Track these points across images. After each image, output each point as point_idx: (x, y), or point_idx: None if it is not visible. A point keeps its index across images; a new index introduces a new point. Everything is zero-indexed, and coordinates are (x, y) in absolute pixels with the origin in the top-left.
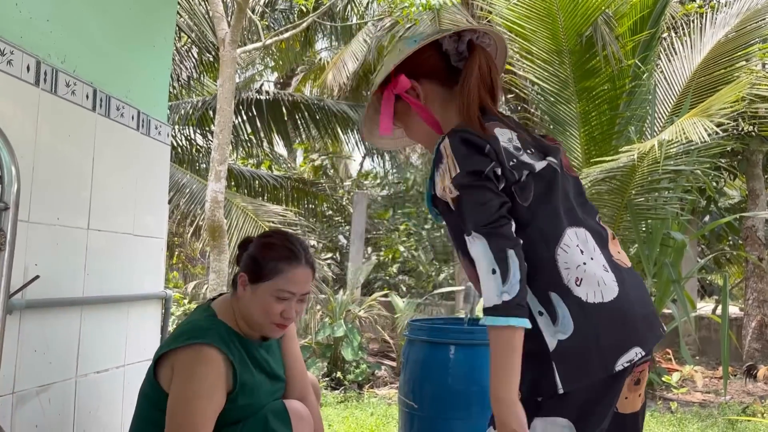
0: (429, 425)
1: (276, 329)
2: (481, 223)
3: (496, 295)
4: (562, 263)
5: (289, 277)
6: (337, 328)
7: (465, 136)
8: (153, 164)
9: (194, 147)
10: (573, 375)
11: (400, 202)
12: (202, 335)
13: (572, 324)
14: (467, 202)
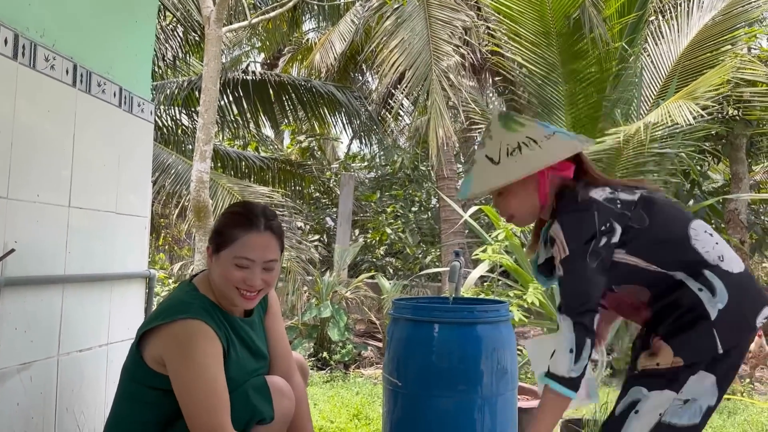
0: (412, 402)
1: (242, 298)
2: (573, 309)
3: (566, 370)
4: (701, 249)
5: (246, 243)
6: (324, 308)
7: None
8: (136, 142)
9: (180, 128)
10: (729, 337)
11: (387, 185)
12: (187, 310)
13: (727, 294)
14: (567, 284)
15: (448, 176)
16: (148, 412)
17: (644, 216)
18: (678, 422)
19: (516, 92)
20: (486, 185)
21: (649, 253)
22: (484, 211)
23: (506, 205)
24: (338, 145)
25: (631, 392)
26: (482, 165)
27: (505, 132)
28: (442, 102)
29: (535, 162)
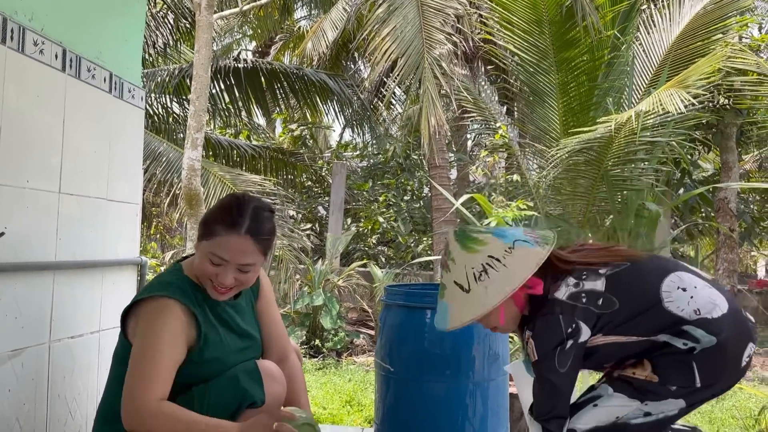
0: (404, 387)
1: (213, 290)
2: (541, 414)
3: None
4: (676, 309)
5: (221, 243)
6: (316, 297)
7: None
8: (126, 128)
9: (171, 116)
10: (710, 374)
11: (379, 174)
12: (163, 288)
13: (712, 338)
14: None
15: (440, 165)
16: None
17: (612, 299)
18: (633, 421)
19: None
20: (465, 317)
21: (627, 329)
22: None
23: (487, 322)
24: (330, 134)
25: (600, 388)
26: (453, 293)
27: (466, 254)
28: (434, 90)
29: (504, 286)
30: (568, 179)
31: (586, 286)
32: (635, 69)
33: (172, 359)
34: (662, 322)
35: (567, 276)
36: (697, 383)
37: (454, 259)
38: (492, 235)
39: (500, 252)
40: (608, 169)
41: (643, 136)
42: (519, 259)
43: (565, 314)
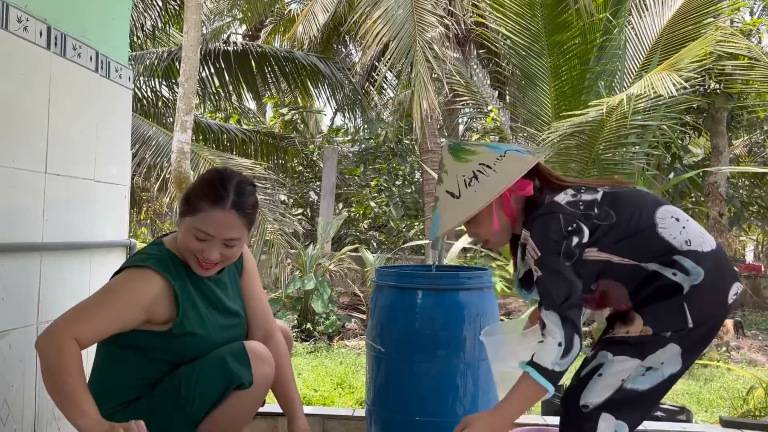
0: (395, 367)
1: (198, 267)
2: (557, 304)
3: (551, 362)
4: (669, 237)
5: (206, 218)
6: (308, 281)
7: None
8: (114, 108)
9: (160, 99)
10: (700, 313)
11: (371, 158)
12: (143, 260)
13: (701, 271)
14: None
15: (432, 149)
16: (126, 373)
17: (610, 212)
18: (639, 387)
19: (500, 64)
20: (454, 220)
21: (620, 248)
22: None
23: (477, 233)
24: (321, 119)
25: (598, 356)
26: (445, 201)
27: (458, 164)
28: (426, 73)
29: (493, 187)
30: (560, 163)
31: (584, 197)
32: (627, 53)
33: (116, 317)
34: (654, 247)
35: (565, 189)
36: (689, 323)
37: (447, 171)
38: (485, 147)
39: (491, 160)
40: (599, 153)
41: (635, 120)
42: (509, 163)
43: (564, 214)
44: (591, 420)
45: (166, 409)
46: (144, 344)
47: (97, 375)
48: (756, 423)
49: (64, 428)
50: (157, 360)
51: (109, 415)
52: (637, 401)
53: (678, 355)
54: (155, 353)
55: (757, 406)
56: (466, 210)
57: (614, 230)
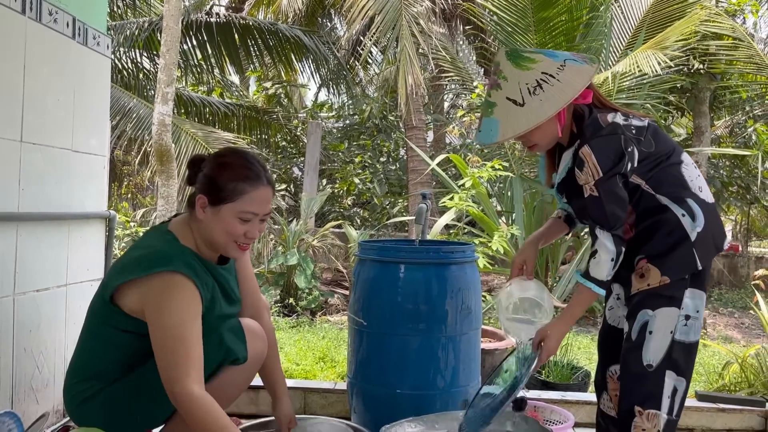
0: (377, 341)
1: (238, 250)
2: (610, 225)
3: (606, 274)
4: (687, 178)
5: (251, 199)
6: (291, 256)
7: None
8: (92, 77)
9: (141, 71)
10: (705, 256)
11: (355, 134)
12: (169, 263)
13: (704, 219)
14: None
15: (417, 126)
16: (119, 352)
17: (651, 141)
18: (686, 339)
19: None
20: (518, 128)
21: (649, 175)
22: (451, 160)
23: (529, 138)
24: (305, 93)
25: (639, 316)
26: (505, 107)
27: (519, 71)
28: (412, 48)
29: (560, 98)
30: None
31: (633, 122)
32: (613, 31)
33: (198, 333)
34: (673, 182)
35: (614, 111)
36: (698, 266)
37: (506, 77)
38: (543, 55)
39: (553, 69)
40: None
41: (619, 98)
42: (571, 74)
43: (625, 136)
44: (657, 378)
45: (155, 388)
46: (144, 331)
47: (88, 352)
48: (731, 397)
49: (42, 400)
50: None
51: (97, 391)
52: (688, 354)
53: (702, 299)
54: None
55: (732, 381)
56: (534, 118)
57: (649, 159)
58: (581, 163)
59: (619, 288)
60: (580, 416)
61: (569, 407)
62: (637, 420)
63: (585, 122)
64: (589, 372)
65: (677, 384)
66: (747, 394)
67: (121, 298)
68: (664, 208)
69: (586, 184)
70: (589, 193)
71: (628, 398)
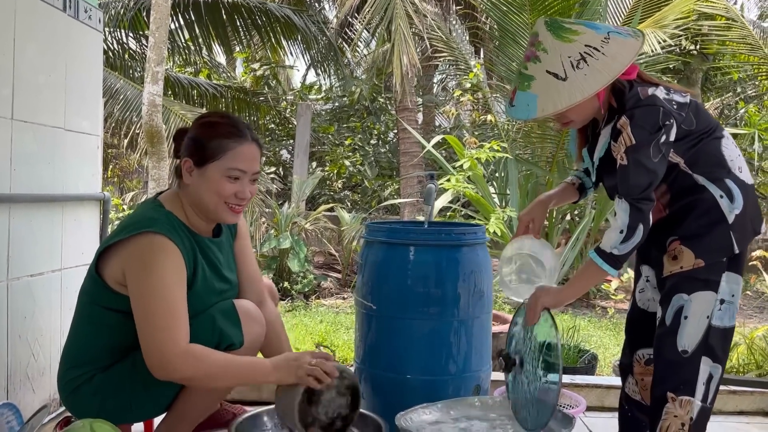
0: (387, 324)
1: (230, 212)
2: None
3: (610, 246)
4: (728, 157)
5: (236, 154)
6: (283, 239)
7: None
8: (83, 52)
9: (127, 52)
10: (742, 239)
11: (345, 117)
12: (151, 224)
13: (742, 201)
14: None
15: (409, 107)
16: (109, 335)
17: (693, 119)
18: (721, 324)
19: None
20: (559, 104)
21: (687, 153)
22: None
23: (566, 114)
24: (293, 75)
25: (673, 300)
26: (545, 81)
27: (561, 43)
28: (406, 28)
29: (606, 73)
30: (538, 122)
31: (675, 98)
32: (608, 10)
33: (182, 297)
34: (712, 161)
35: (655, 86)
36: (735, 249)
37: (546, 49)
38: (585, 26)
39: (597, 41)
40: None
41: None
42: (617, 47)
43: (664, 108)
44: (693, 364)
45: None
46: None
47: (79, 337)
48: (742, 379)
49: (38, 389)
50: None
51: (89, 377)
52: (724, 340)
53: (738, 284)
54: None
55: (740, 362)
56: (578, 94)
57: (690, 137)
58: (617, 134)
59: (648, 270)
60: (590, 400)
61: (579, 390)
62: (669, 406)
63: (626, 96)
64: (596, 354)
65: (713, 370)
66: (756, 375)
67: (105, 269)
68: (701, 188)
69: (618, 154)
70: (619, 162)
71: (662, 385)
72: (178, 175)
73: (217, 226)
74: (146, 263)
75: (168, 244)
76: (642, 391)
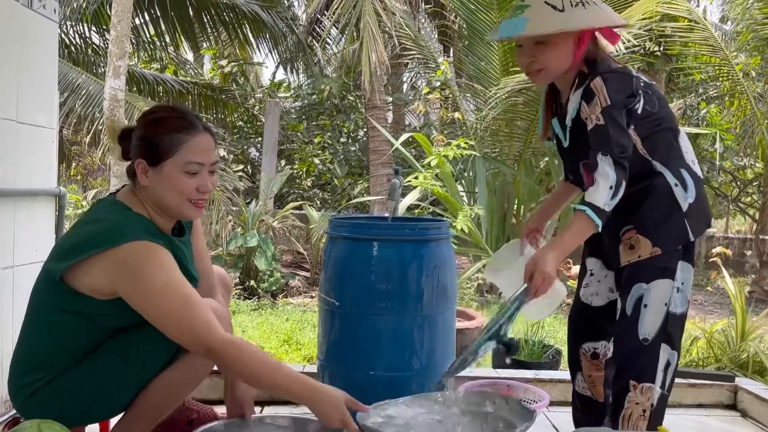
0: (351, 322)
1: (194, 208)
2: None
3: (603, 202)
4: (683, 149)
5: (191, 147)
6: (250, 238)
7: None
8: (38, 43)
9: (90, 47)
10: (696, 228)
11: (314, 114)
12: (131, 232)
13: (695, 191)
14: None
15: (378, 105)
16: (66, 339)
17: (656, 102)
18: (677, 311)
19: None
20: (548, 27)
21: (647, 136)
22: (413, 140)
23: (542, 56)
24: (262, 72)
25: (633, 290)
26: (540, 9)
27: None
28: (375, 25)
29: (600, 16)
30: (506, 120)
31: (643, 77)
32: None
33: (193, 290)
34: (669, 150)
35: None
36: (691, 237)
37: None
38: None
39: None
40: None
41: None
42: (608, 10)
43: (636, 79)
44: (653, 351)
45: (111, 374)
46: (95, 311)
47: (34, 341)
48: (701, 372)
49: None
50: (105, 326)
51: (47, 381)
52: (679, 326)
53: (691, 272)
54: (106, 320)
55: (699, 356)
56: (568, 23)
57: (651, 119)
58: (590, 96)
59: (594, 263)
60: (554, 395)
61: (543, 386)
62: (630, 394)
63: (597, 64)
64: (560, 350)
65: (670, 357)
66: (715, 368)
67: (75, 279)
68: (657, 174)
69: (591, 115)
70: (594, 123)
71: (624, 373)
72: (132, 177)
73: (177, 221)
74: (143, 274)
75: (153, 247)
76: (591, 387)
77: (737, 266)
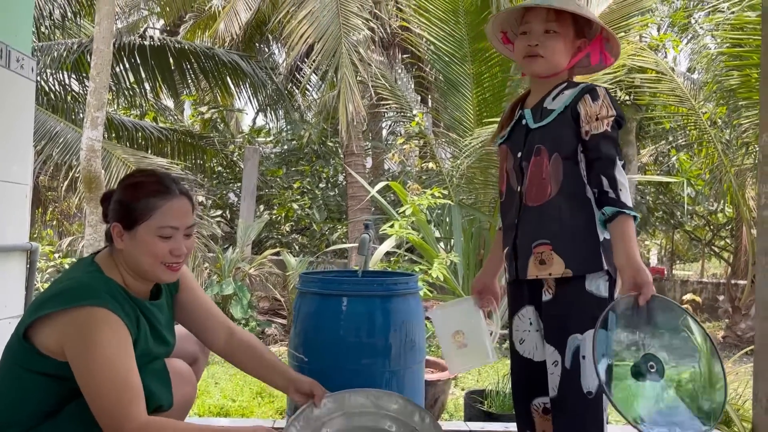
0: (319, 377)
1: (169, 271)
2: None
3: (631, 202)
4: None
5: (165, 212)
6: (226, 285)
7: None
8: (14, 101)
9: (69, 94)
10: (610, 263)
11: (293, 160)
12: (93, 296)
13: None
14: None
15: (356, 152)
16: (33, 398)
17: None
18: None
19: (424, 69)
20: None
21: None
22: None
23: (549, 43)
24: (242, 118)
25: (569, 342)
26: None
27: None
28: (352, 76)
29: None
30: (481, 168)
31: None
32: None
33: (132, 368)
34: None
35: None
36: (604, 265)
37: None
38: None
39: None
40: None
41: None
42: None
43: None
44: (599, 404)
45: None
46: (64, 373)
47: (1, 399)
48: None
49: None
50: (70, 387)
51: None
52: None
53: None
54: (68, 381)
55: None
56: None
57: None
58: (596, 95)
59: (531, 312)
60: None
61: None
62: None
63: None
64: None
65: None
66: None
67: (36, 335)
68: (587, 201)
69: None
70: (605, 128)
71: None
72: (109, 240)
73: (156, 284)
74: (89, 341)
75: (110, 317)
76: None
77: (711, 311)
